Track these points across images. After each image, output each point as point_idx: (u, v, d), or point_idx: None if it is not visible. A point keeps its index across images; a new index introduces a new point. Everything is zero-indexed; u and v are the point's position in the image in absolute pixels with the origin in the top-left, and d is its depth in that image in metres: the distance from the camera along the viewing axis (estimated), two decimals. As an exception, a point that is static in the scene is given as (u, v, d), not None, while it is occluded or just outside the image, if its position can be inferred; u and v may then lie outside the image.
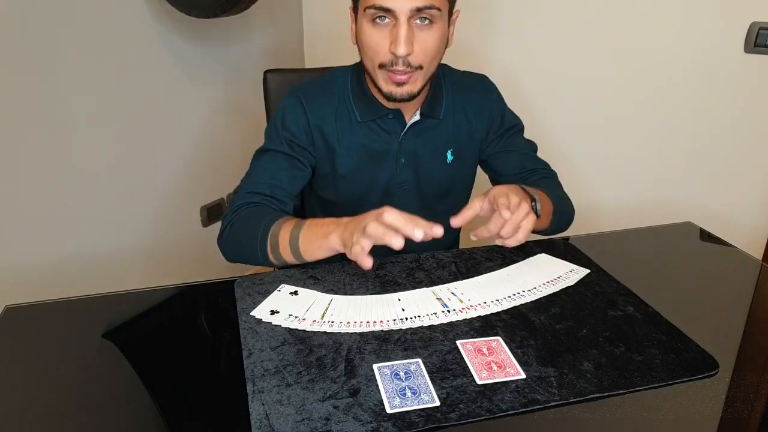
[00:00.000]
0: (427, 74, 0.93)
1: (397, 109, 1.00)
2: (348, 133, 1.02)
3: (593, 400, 0.66)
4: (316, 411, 0.63)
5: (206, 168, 1.86)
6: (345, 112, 1.02)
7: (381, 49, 0.89)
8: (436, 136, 1.05)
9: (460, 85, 1.07)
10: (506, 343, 0.74)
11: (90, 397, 0.67)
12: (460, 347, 0.73)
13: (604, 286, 0.88)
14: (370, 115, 1.01)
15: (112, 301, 0.86)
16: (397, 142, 1.02)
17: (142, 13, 1.54)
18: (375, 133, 1.02)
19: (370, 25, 0.89)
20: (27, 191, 1.35)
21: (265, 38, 1.99)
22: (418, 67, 0.90)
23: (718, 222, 1.40)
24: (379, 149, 1.03)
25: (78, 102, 1.42)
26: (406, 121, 1.01)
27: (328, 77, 1.05)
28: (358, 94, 1.01)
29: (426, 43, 0.89)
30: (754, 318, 0.85)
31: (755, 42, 1.48)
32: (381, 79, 0.92)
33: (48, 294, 0.89)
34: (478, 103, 1.07)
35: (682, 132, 1.66)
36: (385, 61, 0.89)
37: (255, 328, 0.77)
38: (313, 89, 1.03)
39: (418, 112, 1.01)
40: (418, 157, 1.04)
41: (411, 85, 0.91)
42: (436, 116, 1.03)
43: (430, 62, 0.91)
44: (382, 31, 0.88)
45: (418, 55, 0.89)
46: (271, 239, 0.88)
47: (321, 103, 1.01)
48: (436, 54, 0.92)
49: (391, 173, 1.04)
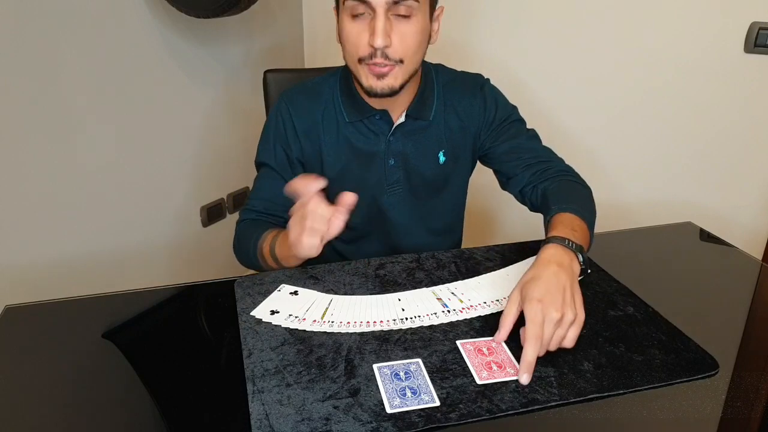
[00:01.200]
0: (409, 69, 0.92)
1: (383, 110, 1.00)
2: (335, 134, 1.02)
3: (593, 400, 0.66)
4: (316, 411, 0.63)
5: (206, 168, 1.86)
6: (332, 114, 1.02)
7: (360, 43, 0.89)
8: (426, 137, 1.04)
9: (452, 84, 1.07)
10: (506, 343, 0.74)
11: (90, 397, 0.67)
12: (460, 347, 0.73)
13: (604, 286, 0.88)
14: (357, 115, 1.01)
15: (112, 301, 0.86)
16: (384, 143, 1.02)
17: (142, 13, 1.54)
18: (362, 134, 1.02)
19: (349, 19, 0.89)
20: (27, 191, 1.35)
21: (265, 38, 1.99)
22: (399, 61, 0.90)
23: (718, 222, 1.40)
24: (367, 150, 1.03)
25: (77, 102, 1.42)
26: (393, 121, 1.01)
27: (318, 80, 1.06)
28: (346, 94, 1.02)
29: (404, 35, 0.89)
30: (754, 318, 0.85)
31: (755, 42, 1.48)
32: (362, 74, 0.92)
33: (48, 294, 0.89)
34: (469, 100, 1.06)
35: (681, 132, 1.66)
36: (364, 55, 0.90)
37: (255, 328, 0.77)
38: (299, 93, 1.04)
39: (404, 114, 1.01)
40: (408, 158, 1.04)
41: (391, 79, 0.91)
42: (425, 118, 1.02)
43: (411, 56, 0.91)
44: (361, 25, 0.89)
45: (397, 48, 0.89)
46: (259, 253, 0.96)
47: (307, 106, 1.02)
48: (417, 48, 0.91)
49: (380, 174, 1.04)
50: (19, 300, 0.82)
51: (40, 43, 1.31)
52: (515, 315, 0.74)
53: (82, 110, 1.43)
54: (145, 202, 1.67)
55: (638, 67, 1.65)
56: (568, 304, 0.72)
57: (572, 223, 0.86)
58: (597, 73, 1.72)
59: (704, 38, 1.55)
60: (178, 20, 1.63)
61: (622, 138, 1.74)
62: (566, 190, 0.98)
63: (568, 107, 1.80)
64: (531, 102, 1.81)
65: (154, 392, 0.68)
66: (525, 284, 0.75)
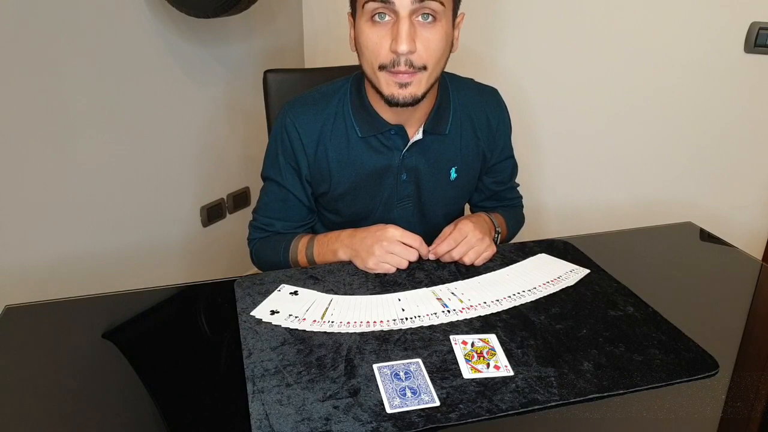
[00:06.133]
0: (432, 77, 0.88)
1: (399, 125, 0.96)
2: (345, 149, 0.97)
3: (593, 400, 0.66)
4: (316, 411, 0.63)
5: (206, 168, 1.86)
6: (342, 129, 0.97)
7: (381, 50, 0.84)
8: (440, 151, 1.00)
9: (470, 97, 1.02)
10: (506, 343, 0.74)
11: (90, 397, 0.67)
12: (452, 342, 0.73)
13: (604, 286, 0.88)
14: (370, 130, 0.96)
15: (112, 301, 0.86)
16: (398, 158, 0.98)
17: (142, 13, 1.54)
18: (375, 149, 0.97)
19: (369, 24, 0.84)
20: (27, 191, 1.35)
21: (265, 38, 1.99)
22: (422, 67, 0.85)
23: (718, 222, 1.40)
24: (380, 165, 0.98)
25: (77, 102, 1.42)
26: (409, 136, 0.97)
27: (325, 90, 1.00)
28: (358, 107, 0.96)
29: (429, 41, 0.84)
30: (754, 318, 0.85)
31: (755, 42, 1.48)
32: (382, 82, 0.87)
33: (48, 294, 0.89)
34: (486, 120, 1.03)
35: (682, 132, 1.66)
36: (385, 62, 0.85)
37: (255, 328, 0.77)
38: (305, 106, 0.98)
39: (421, 130, 0.96)
40: (420, 173, 1.00)
41: (415, 87, 0.86)
42: (441, 132, 0.98)
43: (435, 63, 0.86)
44: (382, 30, 0.84)
45: (422, 54, 0.84)
46: (292, 261, 1.00)
47: (314, 122, 0.97)
48: (441, 55, 0.87)
49: (391, 189, 1.01)
50: (19, 300, 0.82)
51: (40, 43, 1.31)
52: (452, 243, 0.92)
53: (82, 110, 1.43)
54: (145, 202, 1.67)
55: (638, 68, 1.65)
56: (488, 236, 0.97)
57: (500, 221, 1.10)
58: (596, 73, 1.72)
59: (704, 38, 1.55)
60: (178, 20, 1.63)
61: (622, 138, 1.74)
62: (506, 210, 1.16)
63: (567, 107, 1.80)
64: (530, 102, 1.81)
65: (154, 392, 0.68)
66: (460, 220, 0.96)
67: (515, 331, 0.77)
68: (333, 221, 1.07)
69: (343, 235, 0.95)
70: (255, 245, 1.07)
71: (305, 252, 0.98)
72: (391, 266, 0.90)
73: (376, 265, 0.89)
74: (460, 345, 0.73)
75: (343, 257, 0.93)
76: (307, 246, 0.99)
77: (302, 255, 0.99)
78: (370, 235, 0.91)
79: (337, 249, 0.94)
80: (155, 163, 1.68)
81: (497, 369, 0.69)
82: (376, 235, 0.90)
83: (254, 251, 1.07)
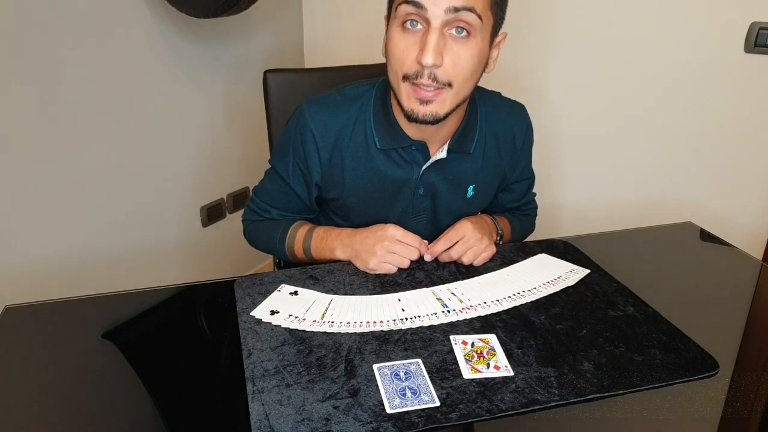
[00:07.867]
0: (458, 97, 0.82)
1: (421, 142, 0.92)
2: (363, 159, 0.93)
3: (593, 400, 0.66)
4: (316, 411, 0.63)
5: (206, 168, 1.86)
6: (362, 136, 0.93)
7: (407, 58, 0.80)
8: (461, 170, 0.97)
9: (498, 114, 0.99)
10: (506, 343, 0.74)
11: (90, 397, 0.67)
12: (452, 343, 0.73)
13: (604, 286, 0.88)
14: (391, 143, 0.92)
15: (112, 301, 0.86)
16: (417, 173, 0.95)
17: (142, 13, 1.54)
18: (393, 162, 0.94)
19: (400, 30, 0.80)
20: (27, 191, 1.35)
21: (265, 38, 1.99)
22: (447, 84, 0.80)
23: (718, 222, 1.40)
24: (397, 179, 0.95)
25: (77, 102, 1.42)
26: (430, 154, 0.93)
27: (348, 93, 0.95)
28: (380, 117, 0.92)
29: (458, 57, 0.79)
30: (754, 318, 0.85)
31: (755, 42, 1.48)
32: (404, 94, 0.82)
33: (48, 294, 0.89)
34: (512, 139, 1.01)
35: (682, 132, 1.66)
36: (409, 72, 0.80)
37: (255, 328, 0.77)
38: (325, 108, 0.93)
39: (446, 148, 0.92)
40: (438, 189, 0.98)
41: (437, 105, 0.81)
42: (466, 151, 0.94)
43: (462, 82, 0.81)
44: (411, 39, 0.79)
45: (448, 69, 0.79)
46: (287, 248, 1.01)
47: (333, 124, 0.92)
48: (471, 73, 0.81)
49: (407, 203, 0.98)
50: (19, 300, 0.82)
51: (40, 43, 1.31)
52: (450, 244, 0.92)
53: (82, 110, 1.43)
54: (145, 202, 1.67)
55: (638, 68, 1.65)
56: (488, 237, 0.96)
57: (504, 224, 1.09)
58: (596, 73, 1.72)
59: (704, 38, 1.55)
60: (178, 20, 1.63)
61: (622, 138, 1.74)
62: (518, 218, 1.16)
63: (565, 110, 1.80)
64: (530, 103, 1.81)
65: (154, 392, 0.68)
66: (460, 220, 0.96)
67: (515, 331, 0.77)
68: (341, 227, 1.03)
69: (344, 234, 0.95)
70: (249, 226, 1.08)
71: (302, 243, 0.98)
72: (392, 266, 0.90)
73: (378, 265, 0.89)
74: (460, 345, 0.73)
75: (341, 257, 0.93)
76: (305, 237, 0.98)
77: (299, 246, 0.99)
78: (371, 234, 0.91)
79: (335, 248, 0.94)
80: (155, 163, 1.68)
81: (497, 369, 0.70)
82: (377, 235, 0.90)
83: (248, 231, 1.08)
